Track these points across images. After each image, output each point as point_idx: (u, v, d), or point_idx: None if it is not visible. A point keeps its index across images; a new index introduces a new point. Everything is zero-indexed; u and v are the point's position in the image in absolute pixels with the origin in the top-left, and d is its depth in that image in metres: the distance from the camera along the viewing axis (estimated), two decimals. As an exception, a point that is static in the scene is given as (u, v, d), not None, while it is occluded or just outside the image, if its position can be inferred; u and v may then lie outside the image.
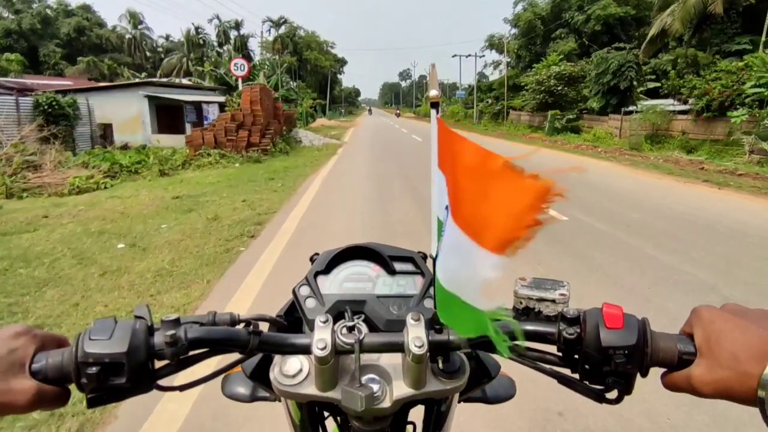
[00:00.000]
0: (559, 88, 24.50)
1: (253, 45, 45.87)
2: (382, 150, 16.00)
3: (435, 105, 0.43)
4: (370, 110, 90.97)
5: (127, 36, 53.44)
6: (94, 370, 0.41)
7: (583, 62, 26.04)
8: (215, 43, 40.20)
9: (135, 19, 53.02)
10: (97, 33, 50.23)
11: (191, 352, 0.47)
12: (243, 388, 0.75)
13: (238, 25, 44.13)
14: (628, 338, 0.43)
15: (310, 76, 53.41)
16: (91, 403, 0.43)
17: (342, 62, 66.13)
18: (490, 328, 0.39)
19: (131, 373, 0.43)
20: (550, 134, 22.06)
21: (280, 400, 0.64)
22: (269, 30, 45.62)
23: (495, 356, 0.59)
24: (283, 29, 50.09)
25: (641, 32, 31.68)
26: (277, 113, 15.88)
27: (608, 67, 20.93)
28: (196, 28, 41.34)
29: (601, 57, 21.97)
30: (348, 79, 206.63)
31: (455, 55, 38.79)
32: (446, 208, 0.41)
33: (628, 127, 19.96)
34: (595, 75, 22.25)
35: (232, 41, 43.21)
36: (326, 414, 0.63)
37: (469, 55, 38.27)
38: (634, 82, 20.57)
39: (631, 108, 21.54)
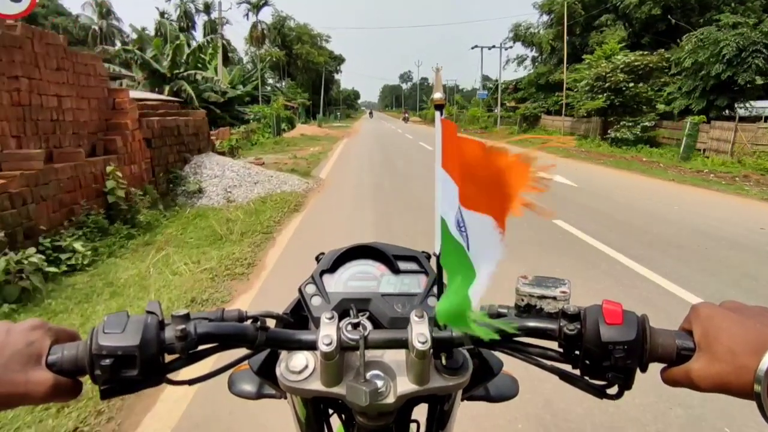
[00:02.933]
0: (630, 84, 17.79)
1: (231, 35, 38.82)
2: (409, 214, 6.09)
3: (439, 107, 0.44)
4: (370, 113, 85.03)
5: (93, 27, 46.44)
6: (107, 362, 0.43)
7: (654, 51, 19.23)
8: (177, 30, 33.62)
9: (102, 7, 46.08)
10: (54, 22, 43.29)
11: (200, 347, 0.47)
12: (249, 386, 0.76)
13: (207, 8, 37.12)
14: (628, 334, 0.43)
15: (301, 74, 46.60)
16: (104, 395, 0.44)
17: (339, 60, 59.38)
18: (471, 322, 0.43)
19: (143, 365, 0.44)
20: (687, 158, 13.58)
21: (285, 398, 0.66)
22: (246, 14, 38.74)
23: (498, 354, 0.59)
24: (269, 18, 43.30)
25: (708, 17, 25.11)
26: (120, 124, 6.07)
27: (718, 52, 14.35)
28: (161, 14, 34.62)
29: (703, 39, 15.37)
30: (347, 81, 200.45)
31: (475, 47, 32.19)
32: (459, 207, 0.44)
33: (748, 140, 13.37)
34: (692, 65, 15.73)
35: (199, 27, 36.21)
36: (331, 411, 0.63)
37: (493, 47, 31.58)
38: (756, 75, 13.93)
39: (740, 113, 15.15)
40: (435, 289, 0.59)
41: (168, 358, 0.47)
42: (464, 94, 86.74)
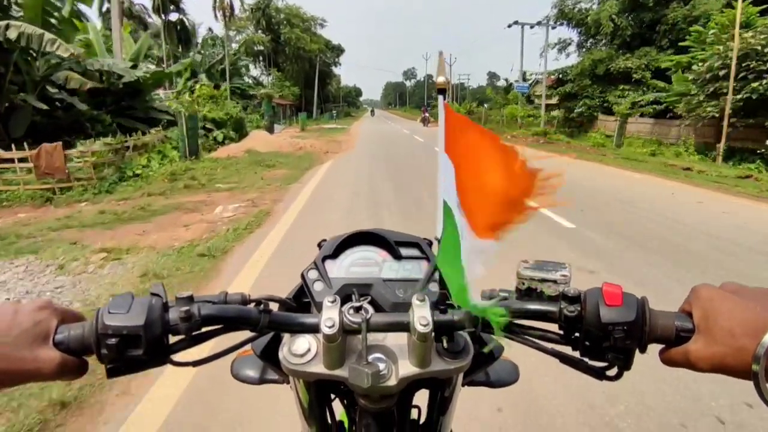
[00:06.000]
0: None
1: (197, 8, 31.09)
2: None
3: (442, 91, 0.44)
4: (372, 111, 78.10)
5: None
6: (113, 341, 0.43)
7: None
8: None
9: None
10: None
11: (204, 329, 0.48)
12: (252, 371, 0.77)
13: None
14: (627, 315, 0.44)
15: (291, 64, 39.06)
16: (110, 374, 0.45)
17: (338, 50, 51.85)
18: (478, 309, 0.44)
19: (148, 345, 0.44)
20: None
21: (288, 383, 0.67)
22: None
23: (498, 338, 0.58)
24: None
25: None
26: None
27: None
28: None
29: None
30: (349, 79, 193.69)
31: (514, 24, 24.62)
32: (455, 192, 0.43)
33: None
34: None
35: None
36: (333, 396, 0.64)
37: (538, 23, 24.03)
38: None
39: None
40: (437, 275, 0.59)
41: (172, 340, 0.47)
42: (472, 92, 79.10)
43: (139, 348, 0.44)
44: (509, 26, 24.33)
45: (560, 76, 25.27)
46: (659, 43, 22.30)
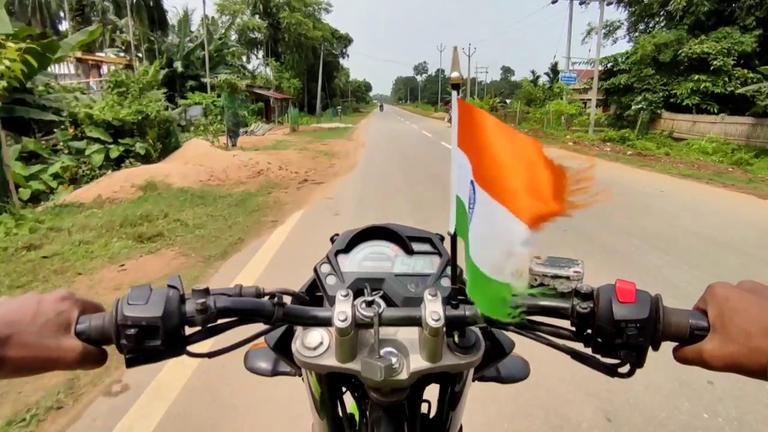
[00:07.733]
0: None
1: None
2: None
3: (456, 87, 0.44)
4: (381, 106, 73.95)
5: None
6: (132, 331, 0.45)
7: None
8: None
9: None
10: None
11: (220, 321, 0.49)
12: (265, 363, 0.78)
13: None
14: (641, 312, 0.44)
15: (291, 53, 34.80)
16: (129, 363, 0.46)
17: (345, 40, 47.49)
18: (502, 307, 0.41)
19: (166, 336, 0.45)
20: None
21: (300, 375, 0.68)
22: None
23: (509, 334, 0.59)
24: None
25: None
26: None
27: None
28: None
29: None
30: (358, 73, 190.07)
31: (559, -2, 20.14)
32: (471, 182, 0.42)
33: None
34: None
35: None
36: (344, 389, 0.64)
37: (591, -3, 19.46)
38: None
39: None
40: (448, 270, 0.59)
41: (188, 331, 0.48)
42: (489, 86, 74.38)
43: (157, 339, 0.45)
44: (554, 2, 19.82)
45: (609, 65, 20.84)
46: (743, 22, 17.78)
